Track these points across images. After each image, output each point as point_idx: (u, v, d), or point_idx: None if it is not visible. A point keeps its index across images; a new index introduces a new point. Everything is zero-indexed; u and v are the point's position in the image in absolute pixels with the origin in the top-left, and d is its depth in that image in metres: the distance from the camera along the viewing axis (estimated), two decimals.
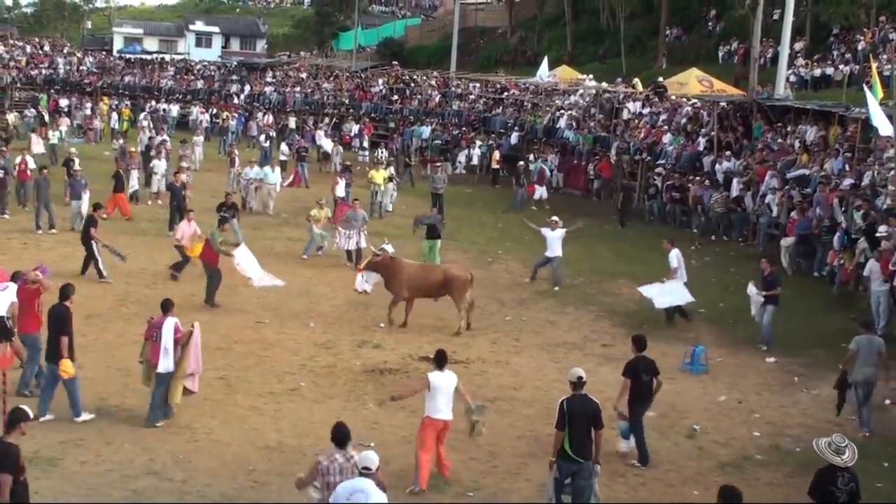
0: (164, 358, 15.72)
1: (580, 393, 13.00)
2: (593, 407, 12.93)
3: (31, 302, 16.54)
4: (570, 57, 66.59)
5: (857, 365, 17.01)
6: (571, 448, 12.67)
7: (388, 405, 17.18)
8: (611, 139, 43.10)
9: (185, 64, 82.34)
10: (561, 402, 12.98)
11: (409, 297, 22.73)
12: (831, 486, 10.99)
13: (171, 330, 15.81)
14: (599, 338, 22.34)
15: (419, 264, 23.88)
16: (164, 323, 15.86)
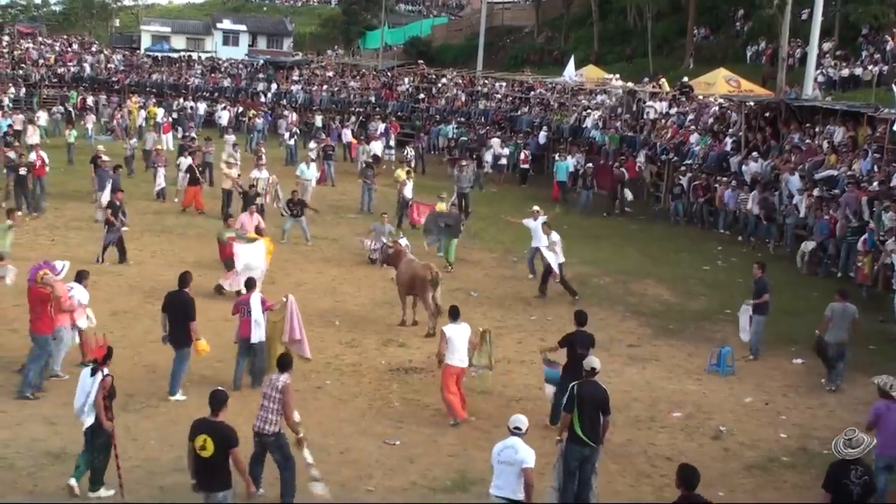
0: (257, 329, 17.46)
1: (591, 380, 13.60)
2: (602, 393, 13.49)
3: (45, 303, 16.69)
4: (597, 56, 66.49)
5: (831, 329, 18.95)
6: (583, 431, 13.06)
7: (412, 404, 17.22)
8: (637, 139, 42.98)
9: (212, 62, 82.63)
10: (572, 387, 13.50)
11: (406, 293, 22.71)
12: (844, 480, 11.15)
13: (259, 303, 17.55)
14: (625, 338, 22.26)
15: (409, 260, 23.40)
16: (251, 298, 17.57)
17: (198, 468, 11.45)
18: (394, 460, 14.83)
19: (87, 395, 13.10)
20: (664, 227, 36.22)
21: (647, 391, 18.60)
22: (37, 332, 16.77)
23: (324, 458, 14.56)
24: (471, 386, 18.29)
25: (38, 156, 34.13)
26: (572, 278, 27.43)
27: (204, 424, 11.53)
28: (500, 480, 11.73)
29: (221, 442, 11.30)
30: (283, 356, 13.81)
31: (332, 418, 16.37)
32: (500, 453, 11.82)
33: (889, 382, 13.59)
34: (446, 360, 16.53)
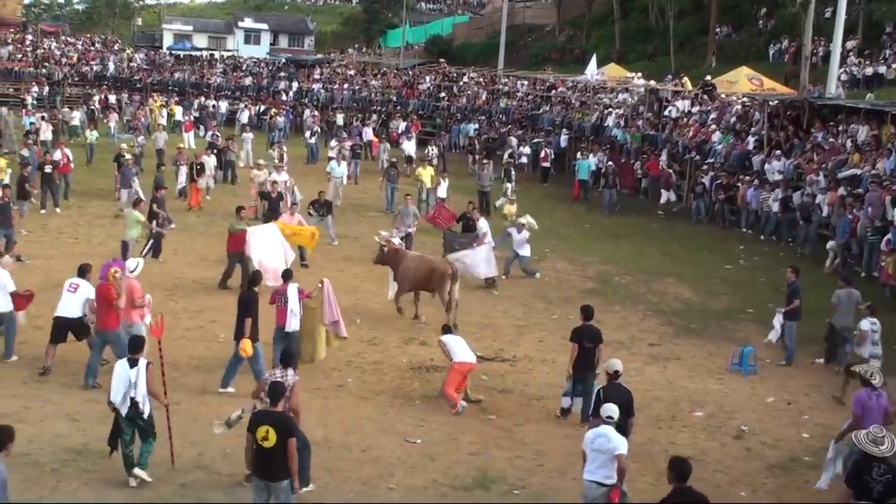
0: (293, 318, 17.95)
1: (615, 382, 13.84)
2: (627, 395, 13.66)
3: (112, 299, 17.04)
4: (619, 55, 66.35)
5: (839, 314, 19.97)
6: None
7: (434, 403, 17.23)
8: (659, 138, 42.89)
9: (233, 61, 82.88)
10: (598, 390, 13.77)
11: (410, 289, 22.81)
12: (866, 476, 11.09)
13: (296, 293, 18.06)
14: (646, 337, 22.22)
15: (418, 255, 23.73)
16: (288, 289, 18.05)
17: (260, 459, 11.58)
18: (415, 458, 14.84)
19: (131, 386, 13.32)
20: (686, 225, 36.12)
21: (669, 390, 18.56)
22: (104, 328, 17.10)
23: (345, 456, 14.62)
24: (492, 384, 18.37)
25: (63, 153, 34.43)
26: (594, 276, 27.53)
27: (266, 415, 11.73)
28: (592, 465, 12.17)
29: (283, 432, 11.53)
30: (287, 350, 13.92)
31: (353, 416, 16.39)
32: (594, 441, 12.20)
33: (870, 371, 14.08)
34: (454, 359, 17.15)
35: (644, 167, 42.07)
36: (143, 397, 13.40)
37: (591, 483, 12.15)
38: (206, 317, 21.56)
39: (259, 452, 11.56)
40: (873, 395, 13.79)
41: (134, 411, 13.38)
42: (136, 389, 13.35)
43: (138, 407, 13.39)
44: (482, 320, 22.77)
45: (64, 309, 17.64)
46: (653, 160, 41.68)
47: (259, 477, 11.66)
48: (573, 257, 29.68)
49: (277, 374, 13.06)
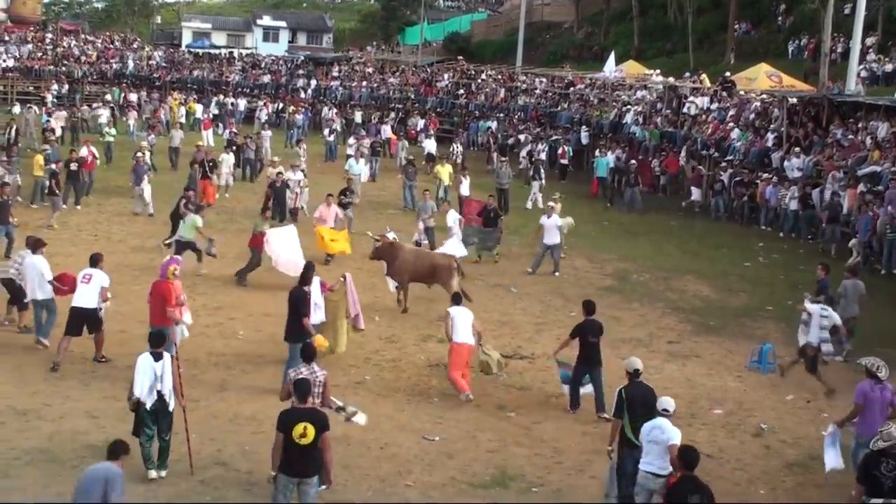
0: (317, 311, 18.07)
1: (636, 381, 13.56)
2: (651, 394, 13.43)
3: (169, 296, 17.26)
4: (637, 52, 66.21)
5: (844, 304, 20.29)
6: (635, 434, 12.88)
7: (452, 400, 17.22)
8: (678, 135, 42.80)
9: (252, 58, 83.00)
10: (619, 391, 13.42)
11: (409, 281, 23.10)
12: (875, 472, 11.34)
13: (319, 287, 18.36)
14: (665, 334, 22.17)
15: (415, 249, 24.32)
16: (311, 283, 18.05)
17: (296, 456, 11.57)
18: (433, 455, 14.84)
19: (157, 379, 13.47)
20: (704, 222, 36.04)
21: (688, 388, 18.51)
22: (160, 323, 17.10)
23: (363, 453, 14.64)
24: (510, 382, 18.36)
25: (88, 150, 34.90)
26: (612, 273, 27.50)
27: (301, 413, 11.79)
28: (649, 457, 12.32)
29: (320, 427, 11.66)
30: (307, 346, 13.73)
31: (371, 413, 16.31)
32: (649, 433, 12.36)
33: (876, 364, 14.02)
34: (453, 339, 17.41)
35: (662, 164, 41.98)
36: (169, 391, 13.57)
37: (647, 473, 12.32)
38: (225, 314, 21.61)
39: (295, 450, 11.55)
40: (877, 387, 13.85)
41: (160, 404, 13.51)
42: (162, 383, 13.51)
43: (165, 400, 13.54)
44: (501, 318, 22.76)
45: (79, 299, 17.79)
46: (671, 157, 41.59)
47: (291, 475, 11.64)
48: (592, 255, 29.63)
49: (304, 372, 12.92)
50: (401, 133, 53.57)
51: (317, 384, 12.85)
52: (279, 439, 11.61)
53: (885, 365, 14.15)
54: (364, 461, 14.40)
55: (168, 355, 13.75)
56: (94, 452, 14.01)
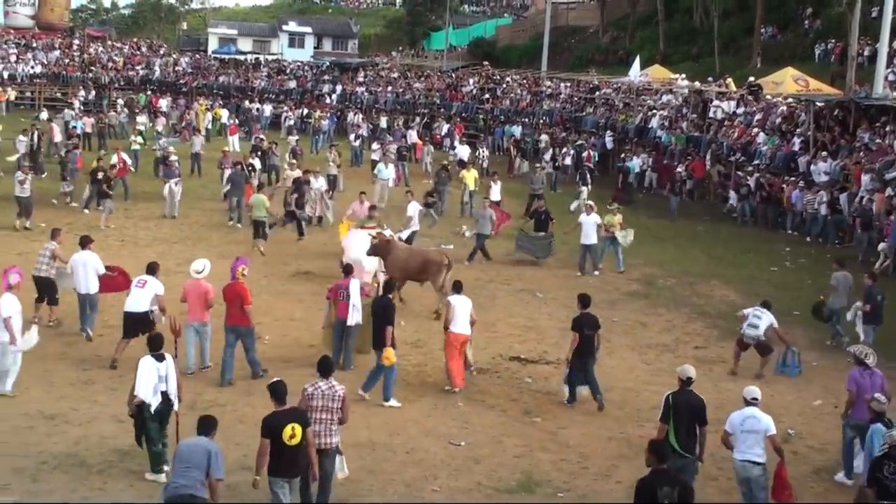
0: (354, 313, 18.59)
1: (686, 389, 13.50)
2: (699, 402, 13.36)
3: (246, 295, 18.02)
4: (663, 56, 66.03)
5: (837, 296, 21.54)
6: (678, 442, 12.92)
7: (478, 405, 17.21)
8: (703, 139, 42.67)
9: (278, 64, 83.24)
10: (666, 396, 13.40)
11: (402, 278, 23.24)
12: (879, 474, 11.67)
13: (358, 288, 18.91)
14: (692, 340, 22.10)
15: (408, 247, 24.62)
16: (349, 283, 18.81)
17: (286, 458, 11.71)
18: (459, 461, 14.83)
19: (161, 381, 13.69)
20: (730, 227, 35.92)
21: (714, 393, 18.36)
22: (237, 323, 17.90)
23: (389, 458, 14.64)
24: (536, 387, 18.34)
25: (119, 157, 35.18)
26: (638, 278, 27.44)
27: (285, 415, 11.89)
28: (744, 446, 12.83)
29: (305, 425, 11.88)
30: (325, 359, 13.15)
31: (397, 418, 16.40)
32: (743, 423, 12.87)
33: (864, 351, 14.98)
34: (451, 328, 17.76)
35: (688, 169, 41.85)
36: (174, 392, 13.85)
37: (744, 462, 12.80)
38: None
39: (285, 452, 11.69)
40: (866, 373, 14.60)
41: (165, 405, 13.75)
42: (167, 384, 13.77)
43: (169, 401, 13.79)
44: (526, 322, 22.75)
45: (131, 304, 18.25)
46: (697, 162, 41.46)
47: (282, 476, 11.76)
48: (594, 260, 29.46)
49: (322, 386, 12.62)
50: (426, 138, 53.58)
51: (335, 399, 12.57)
52: (265, 445, 11.67)
53: (873, 352, 15.02)
54: (390, 466, 14.41)
55: (170, 357, 13.98)
56: (122, 457, 14.11)
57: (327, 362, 12.99)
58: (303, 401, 12.52)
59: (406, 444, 15.26)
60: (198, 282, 18.26)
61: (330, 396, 12.55)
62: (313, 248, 29.52)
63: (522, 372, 19.16)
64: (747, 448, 12.76)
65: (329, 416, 12.52)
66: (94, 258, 20.07)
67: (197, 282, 18.26)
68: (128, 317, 18.24)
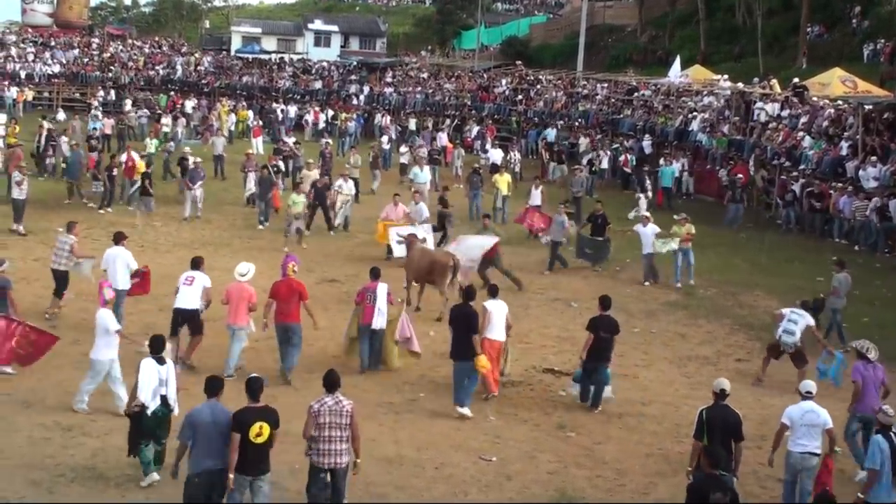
0: (379, 317, 19.07)
1: (721, 403, 13.43)
2: (734, 418, 13.31)
3: (294, 293, 18.68)
4: (704, 56, 65.73)
5: (837, 296, 22.68)
6: None
7: (510, 419, 17.18)
8: (746, 143, 42.48)
9: (303, 64, 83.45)
10: (700, 412, 13.34)
11: (414, 280, 23.99)
12: None
13: (385, 293, 19.27)
14: (734, 352, 22.02)
15: (421, 248, 24.90)
16: (377, 287, 19.27)
17: (251, 455, 12.06)
18: (490, 476, 14.82)
19: (162, 384, 14.01)
20: (775, 235, 35.70)
21: (758, 408, 18.34)
22: (289, 321, 18.62)
23: (418, 474, 14.64)
24: (571, 400, 18.29)
25: (128, 156, 35.35)
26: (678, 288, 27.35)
27: (254, 412, 12.24)
28: (804, 440, 13.67)
29: (274, 425, 12.25)
30: (331, 374, 12.89)
31: (426, 432, 16.40)
32: (803, 416, 13.71)
33: (865, 345, 15.81)
34: (486, 334, 17.75)
35: (730, 174, 41.63)
36: (174, 396, 14.19)
37: (804, 454, 13.62)
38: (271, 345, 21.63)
39: (249, 449, 12.03)
40: (869, 367, 15.60)
41: (165, 409, 14.05)
42: (167, 387, 14.09)
43: (169, 404, 14.11)
44: (560, 333, 22.71)
45: (182, 301, 18.89)
46: (740, 166, 41.24)
47: (244, 473, 12.05)
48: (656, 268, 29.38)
49: (328, 402, 12.49)
50: (457, 141, 53.59)
51: (343, 415, 12.44)
52: (236, 439, 11.98)
53: (875, 347, 15.83)
54: (419, 482, 14.41)
55: (171, 361, 14.36)
56: (140, 470, 14.11)
57: (333, 377, 12.82)
58: (309, 420, 12.47)
59: (435, 459, 15.27)
60: (241, 285, 18.80)
61: (337, 412, 12.45)
62: (339, 255, 29.62)
63: (556, 384, 19.13)
64: (808, 441, 13.59)
65: (338, 434, 12.44)
66: (126, 254, 21.00)
67: (241, 285, 18.80)
68: (177, 313, 18.94)
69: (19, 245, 28.10)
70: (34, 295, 22.50)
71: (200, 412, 12.24)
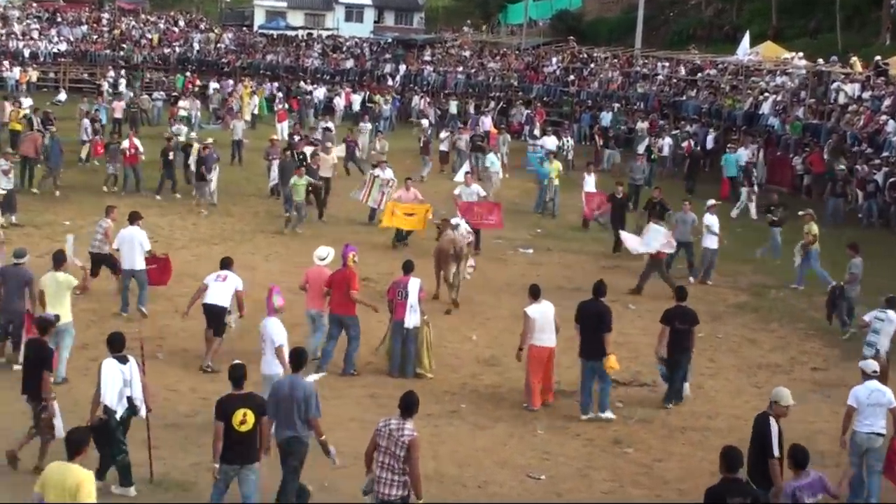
0: (412, 314, 19.43)
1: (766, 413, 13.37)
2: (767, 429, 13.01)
3: (347, 282, 19.39)
4: (776, 31, 65.39)
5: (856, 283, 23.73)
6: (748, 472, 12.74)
7: (561, 433, 17.15)
8: (823, 128, 42.20)
9: (333, 41, 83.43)
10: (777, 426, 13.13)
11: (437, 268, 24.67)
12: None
13: (417, 288, 19.67)
14: (809, 360, 21.90)
15: (449, 234, 25.34)
16: (409, 282, 19.69)
17: (235, 443, 12.58)
18: (539, 496, 14.83)
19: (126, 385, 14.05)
20: (855, 230, 35.40)
21: (835, 422, 18.11)
22: (345, 313, 19.43)
23: (459, 492, 14.65)
24: (628, 413, 18.30)
25: (131, 143, 35.63)
26: (747, 288, 27.20)
27: (238, 399, 12.81)
28: (871, 419, 14.61)
29: (259, 412, 12.77)
30: (409, 396, 12.31)
31: (468, 447, 16.41)
32: (869, 396, 14.64)
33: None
34: (530, 341, 18.03)
35: (806, 162, 41.37)
36: (139, 397, 14.26)
37: (870, 434, 14.55)
38: (303, 332, 21.67)
39: (233, 437, 12.56)
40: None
41: (131, 412, 14.16)
42: (132, 388, 14.16)
43: (136, 406, 14.20)
44: (617, 338, 22.35)
45: (213, 296, 19.42)
46: (816, 154, 40.96)
47: (228, 463, 12.49)
48: (722, 266, 29.19)
49: (392, 424, 11.94)
50: (502, 126, 53.50)
51: (399, 445, 11.81)
52: (220, 428, 12.44)
53: None
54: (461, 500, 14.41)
55: (133, 359, 14.37)
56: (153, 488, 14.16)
57: (408, 400, 12.19)
58: (373, 437, 12.14)
59: (478, 477, 15.27)
60: (321, 269, 19.87)
61: (395, 440, 11.86)
62: (373, 252, 29.53)
63: (612, 395, 19.06)
64: (874, 420, 14.54)
65: (390, 462, 11.87)
66: (141, 234, 22.41)
67: (320, 269, 19.88)
68: (208, 308, 19.54)
69: (22, 241, 28.19)
70: None
71: (281, 386, 13.36)
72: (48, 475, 10.73)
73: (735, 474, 11.26)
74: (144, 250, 22.41)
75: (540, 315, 18.12)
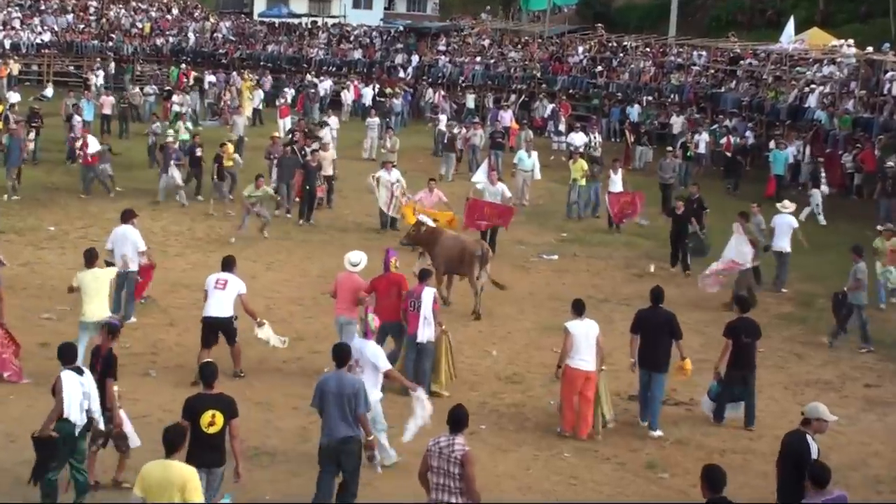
0: (425, 327, 19.16)
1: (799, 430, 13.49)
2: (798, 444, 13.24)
3: (391, 289, 19.91)
4: (823, 17, 65.43)
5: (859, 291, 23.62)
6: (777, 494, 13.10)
7: (589, 456, 17.10)
8: (875, 122, 42.10)
9: (339, 29, 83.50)
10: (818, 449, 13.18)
11: (445, 271, 24.70)
12: None
13: (431, 299, 19.34)
14: (862, 375, 21.82)
15: (453, 235, 25.60)
16: (423, 292, 19.39)
17: (202, 445, 12.82)
18: None
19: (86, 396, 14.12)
20: None
21: (892, 444, 18.17)
22: (389, 319, 19.54)
23: None
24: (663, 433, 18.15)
25: (84, 142, 35.91)
26: (792, 297, 27.13)
27: (207, 399, 13.15)
28: None
29: (229, 414, 13.08)
30: (458, 410, 12.48)
31: (488, 471, 16.32)
32: None
33: None
34: (568, 362, 17.77)
35: (856, 160, 41.26)
36: (97, 409, 14.35)
37: None
38: (306, 346, 21.72)
39: (202, 439, 12.81)
40: None
41: (90, 425, 14.26)
42: (90, 399, 14.21)
43: (94, 419, 14.32)
44: None
45: (212, 308, 19.33)
46: (867, 150, 40.86)
47: (198, 465, 12.32)
48: (767, 273, 29.17)
49: (441, 442, 12.08)
50: (524, 121, 53.45)
51: (452, 461, 11.93)
52: (181, 429, 12.31)
53: None
54: None
55: (87, 371, 14.43)
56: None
57: (457, 414, 12.37)
58: (424, 458, 12.20)
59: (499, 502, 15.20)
60: (352, 275, 19.92)
61: (446, 457, 11.99)
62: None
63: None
64: None
65: (445, 482, 11.95)
66: (134, 233, 22.42)
67: (351, 275, 19.92)
68: (207, 323, 19.35)
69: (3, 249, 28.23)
70: (21, 308, 22.66)
71: (327, 381, 13.84)
72: (148, 475, 11.33)
73: (720, 494, 11.17)
74: (139, 250, 22.35)
75: (581, 333, 17.91)
